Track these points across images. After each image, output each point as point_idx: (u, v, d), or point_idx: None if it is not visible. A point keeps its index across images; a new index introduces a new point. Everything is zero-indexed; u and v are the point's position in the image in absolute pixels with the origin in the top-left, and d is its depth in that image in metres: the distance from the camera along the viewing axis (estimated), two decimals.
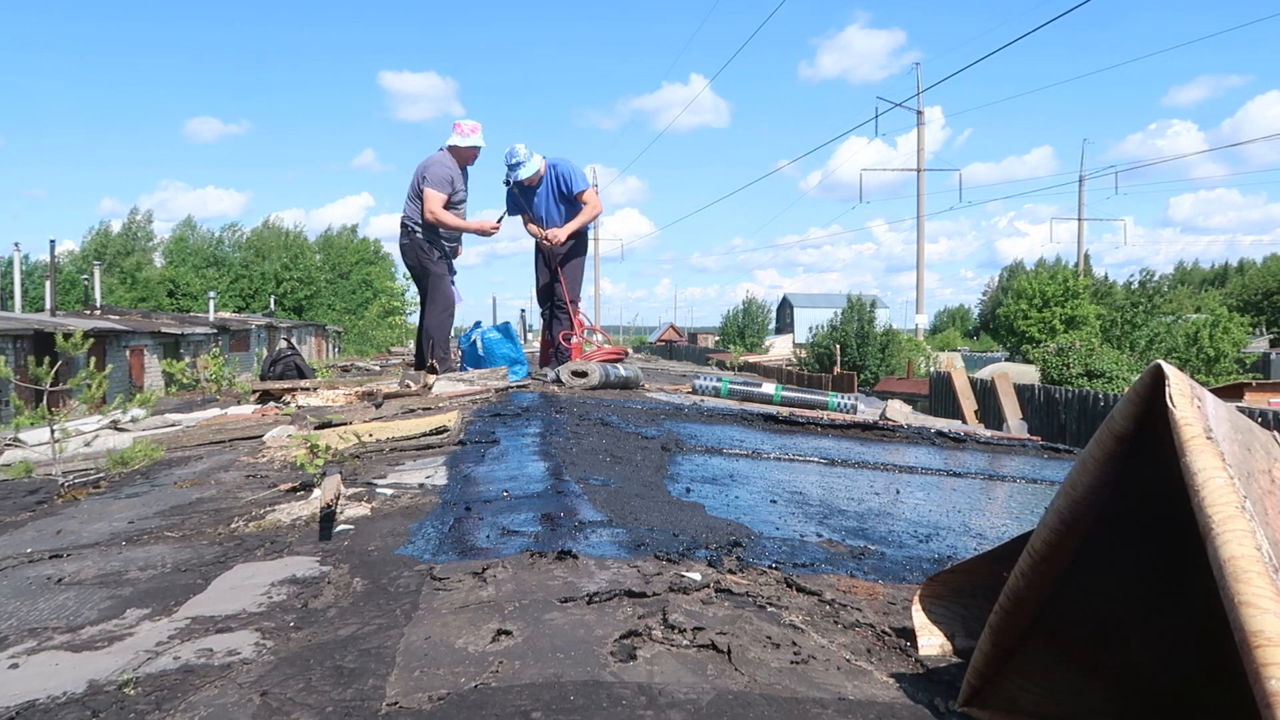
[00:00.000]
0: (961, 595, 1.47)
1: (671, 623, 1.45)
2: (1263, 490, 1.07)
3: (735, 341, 45.13)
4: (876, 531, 2.33)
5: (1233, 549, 0.92)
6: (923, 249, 34.40)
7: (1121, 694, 1.25)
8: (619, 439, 3.67)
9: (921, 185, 33.97)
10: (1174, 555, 1.24)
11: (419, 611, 1.56)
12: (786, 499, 2.71)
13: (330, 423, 4.17)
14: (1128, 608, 1.30)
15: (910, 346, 30.90)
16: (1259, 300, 56.73)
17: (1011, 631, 1.20)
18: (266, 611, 1.63)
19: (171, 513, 2.58)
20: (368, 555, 1.95)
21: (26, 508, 2.83)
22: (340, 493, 2.33)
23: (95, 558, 2.10)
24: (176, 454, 3.79)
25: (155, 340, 23.38)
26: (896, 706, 1.23)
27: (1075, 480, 1.13)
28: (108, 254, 52.92)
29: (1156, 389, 1.07)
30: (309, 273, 58.75)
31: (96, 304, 30.43)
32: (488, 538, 2.02)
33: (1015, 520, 2.74)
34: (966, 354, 43.48)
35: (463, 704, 1.20)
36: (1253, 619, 0.88)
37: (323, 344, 41.21)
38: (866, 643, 1.46)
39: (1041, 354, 20.58)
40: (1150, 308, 26.69)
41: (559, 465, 2.92)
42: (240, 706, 1.22)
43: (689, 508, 2.43)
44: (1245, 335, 27.29)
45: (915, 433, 4.87)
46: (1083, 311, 30.51)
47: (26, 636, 1.57)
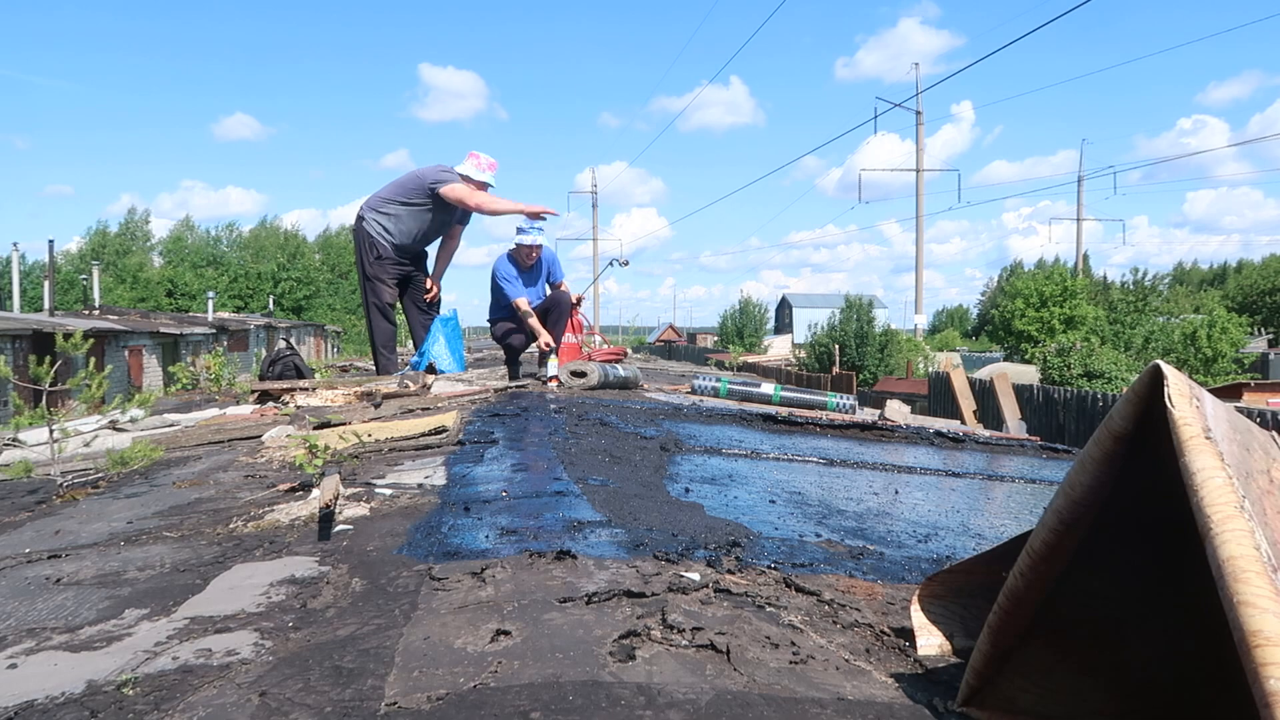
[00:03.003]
0: (960, 595, 1.47)
1: (670, 623, 1.45)
2: (1261, 490, 1.08)
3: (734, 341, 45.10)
4: (875, 531, 2.33)
5: (1232, 549, 0.92)
6: (922, 249, 34.44)
7: (1121, 694, 1.25)
8: (618, 439, 3.67)
9: (921, 185, 34.02)
10: (1173, 555, 1.24)
11: (418, 612, 1.56)
12: (785, 499, 2.71)
13: (329, 423, 4.17)
14: (1127, 608, 1.30)
15: (909, 346, 30.91)
16: (1257, 300, 56.77)
17: (1010, 631, 1.20)
18: (265, 612, 1.62)
19: (170, 513, 2.58)
20: (367, 555, 1.94)
21: (25, 508, 2.83)
22: (339, 493, 2.33)
23: (94, 558, 2.10)
24: (175, 454, 3.78)
25: (154, 340, 23.37)
26: (895, 706, 1.23)
27: (1074, 480, 1.13)
28: (106, 254, 52.89)
29: (1155, 389, 1.07)
30: (308, 273, 58.70)
31: (95, 304, 30.40)
32: (486, 538, 2.01)
33: (1014, 520, 2.74)
34: (965, 354, 43.47)
35: (462, 704, 1.20)
36: (1252, 619, 0.88)
37: (321, 344, 41.18)
38: (865, 643, 1.46)
39: (1041, 354, 20.60)
40: (1142, 306, 26.70)
41: (558, 465, 2.92)
42: (239, 707, 1.22)
43: (688, 508, 2.43)
44: (1243, 335, 27.34)
45: (914, 433, 4.87)
46: (1081, 311, 30.50)
47: (25, 637, 1.57)
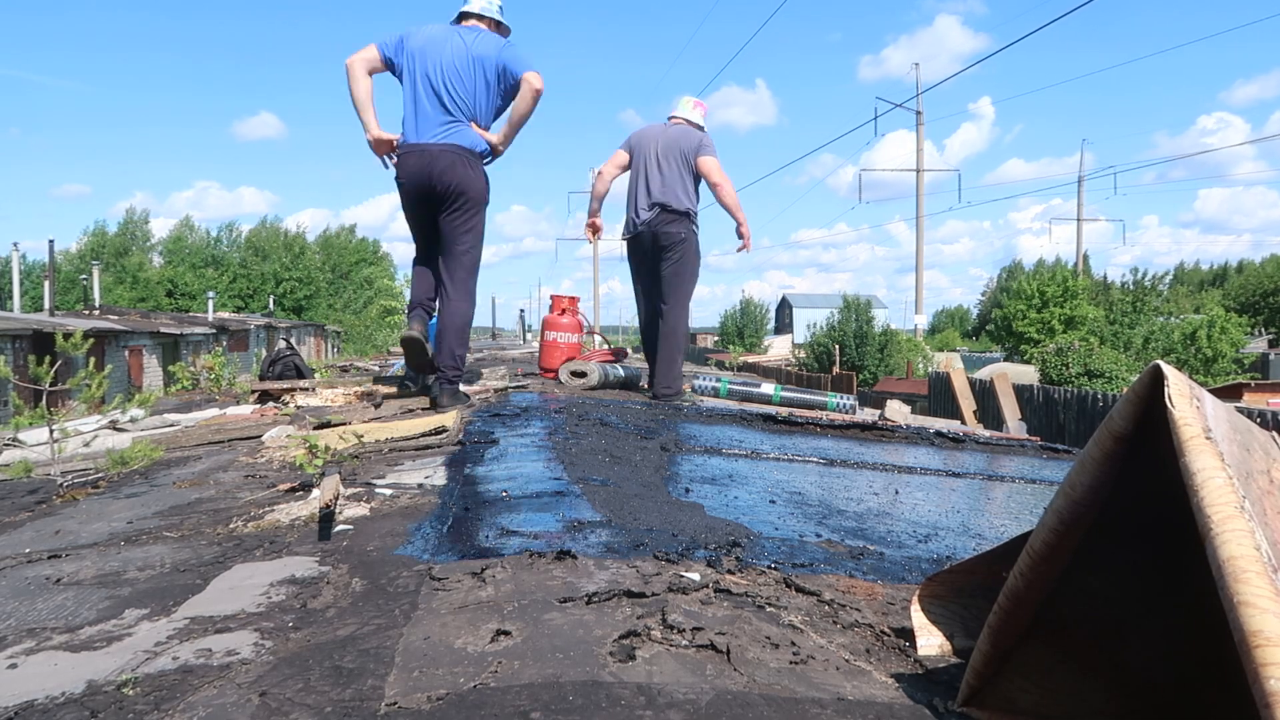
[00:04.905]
0: (961, 595, 1.47)
1: (670, 623, 1.45)
2: (1262, 490, 1.08)
3: (734, 342, 45.09)
4: (875, 532, 2.33)
5: (1232, 549, 0.92)
6: (922, 249, 34.46)
7: (1121, 694, 1.25)
8: (618, 439, 3.67)
9: (921, 185, 34.04)
10: (1173, 555, 1.24)
11: (418, 612, 1.56)
12: (785, 499, 2.71)
13: (329, 423, 4.17)
14: (1127, 608, 1.30)
15: (909, 347, 30.91)
16: (1257, 300, 56.76)
17: (1011, 632, 1.20)
18: (265, 612, 1.62)
19: (170, 513, 2.58)
20: (367, 555, 1.94)
21: (25, 508, 2.83)
22: (339, 493, 2.33)
23: (94, 558, 2.10)
24: (175, 454, 3.79)
25: (154, 340, 23.38)
26: (895, 707, 1.23)
27: (1074, 480, 1.13)
28: (105, 254, 52.91)
29: (1155, 389, 1.07)
30: (308, 273, 58.72)
31: (95, 304, 30.41)
32: (487, 538, 2.01)
33: (1014, 520, 2.74)
34: (965, 354, 43.46)
35: (462, 704, 1.20)
36: (1252, 619, 0.88)
37: (322, 344, 41.19)
38: (865, 643, 1.46)
39: (1041, 354, 20.59)
40: (1141, 306, 26.68)
41: (558, 465, 2.92)
42: (239, 707, 1.22)
43: (688, 508, 2.43)
44: (1243, 335, 27.32)
45: (914, 433, 4.87)
46: (1082, 312, 30.50)
47: (25, 637, 1.57)
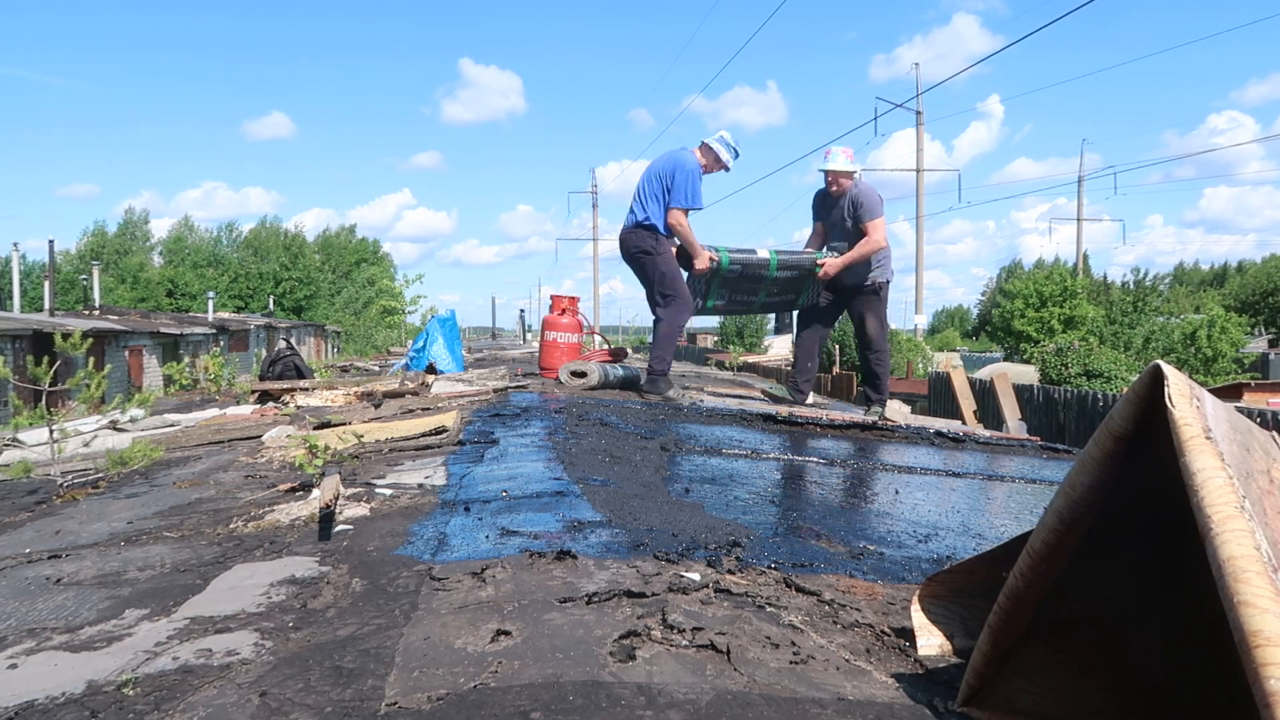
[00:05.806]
0: (961, 595, 1.47)
1: (671, 623, 1.45)
2: (1262, 490, 1.08)
3: (734, 341, 45.02)
4: (875, 531, 2.33)
5: (1232, 549, 0.92)
6: (922, 249, 34.43)
7: (1121, 694, 1.25)
8: (618, 439, 3.67)
9: (920, 185, 33.99)
10: (1173, 555, 1.24)
11: (418, 612, 1.56)
12: (785, 499, 2.71)
13: (329, 423, 4.17)
14: (1126, 608, 1.30)
15: (909, 347, 30.87)
16: (1257, 300, 56.70)
17: (1011, 632, 1.20)
18: (265, 612, 1.62)
19: (170, 513, 2.58)
20: (367, 555, 1.94)
21: (25, 508, 2.83)
22: (339, 493, 2.33)
23: (94, 558, 2.10)
24: (175, 454, 3.79)
25: (154, 340, 23.36)
26: (895, 706, 1.23)
27: (1074, 480, 1.13)
28: (105, 254, 52.88)
29: (1155, 389, 1.07)
30: (308, 273, 58.70)
31: (95, 304, 30.40)
32: (487, 538, 2.01)
33: (1014, 520, 2.74)
34: (965, 354, 43.44)
35: (462, 704, 1.20)
36: (1252, 619, 0.88)
37: (322, 344, 41.17)
38: (865, 643, 1.46)
39: (1040, 354, 20.57)
40: (1141, 306, 26.66)
41: (558, 465, 2.92)
42: (239, 707, 1.22)
43: (688, 508, 2.43)
44: (1243, 335, 27.31)
45: (914, 433, 4.87)
46: (1081, 312, 30.48)
47: (25, 637, 1.57)
